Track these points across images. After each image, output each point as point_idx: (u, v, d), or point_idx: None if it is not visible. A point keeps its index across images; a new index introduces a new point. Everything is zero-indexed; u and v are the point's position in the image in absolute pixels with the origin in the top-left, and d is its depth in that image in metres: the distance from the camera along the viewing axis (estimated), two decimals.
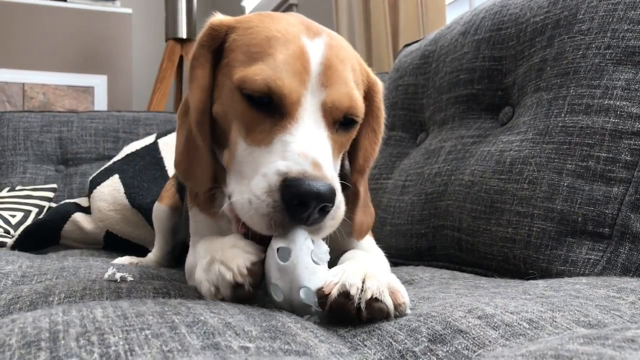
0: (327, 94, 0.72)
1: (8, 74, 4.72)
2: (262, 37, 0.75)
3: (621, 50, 1.04)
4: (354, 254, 0.82)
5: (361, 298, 0.61)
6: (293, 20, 0.78)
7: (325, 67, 0.73)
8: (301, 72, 0.71)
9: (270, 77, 0.71)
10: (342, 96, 0.72)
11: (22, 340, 0.46)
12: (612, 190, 0.98)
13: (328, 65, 0.73)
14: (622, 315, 0.62)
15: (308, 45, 0.73)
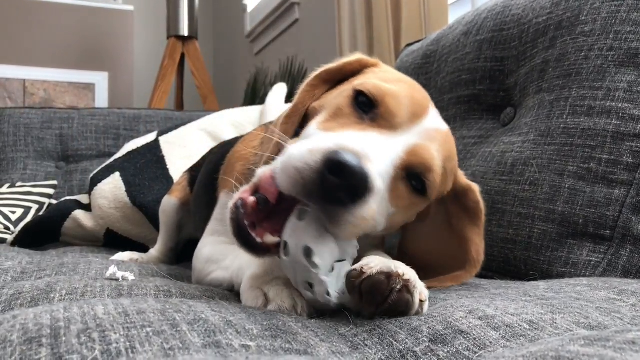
0: (423, 143, 0.74)
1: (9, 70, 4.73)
2: (396, 78, 0.83)
3: (624, 52, 1.04)
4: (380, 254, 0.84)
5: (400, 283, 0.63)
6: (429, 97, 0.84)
7: (434, 131, 0.76)
8: (416, 114, 0.76)
9: (392, 93, 0.75)
10: (432, 157, 0.74)
11: (23, 337, 0.46)
12: (613, 193, 0.98)
13: (437, 133, 0.77)
14: (623, 317, 0.62)
15: (431, 110, 0.79)
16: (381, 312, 0.64)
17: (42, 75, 4.82)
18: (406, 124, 0.74)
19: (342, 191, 0.62)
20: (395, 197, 0.74)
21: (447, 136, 0.80)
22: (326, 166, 0.62)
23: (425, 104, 0.78)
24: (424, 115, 0.76)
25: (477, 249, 0.86)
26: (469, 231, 0.87)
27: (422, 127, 0.75)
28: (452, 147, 0.81)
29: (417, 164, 0.73)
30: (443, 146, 0.77)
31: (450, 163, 0.80)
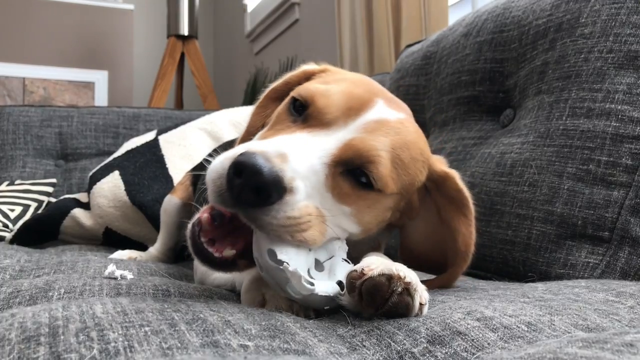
0: (360, 136, 0.72)
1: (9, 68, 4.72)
2: (342, 77, 0.81)
3: (623, 54, 1.04)
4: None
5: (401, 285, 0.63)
6: (378, 85, 0.83)
7: (378, 123, 0.74)
8: (352, 108, 0.74)
9: (321, 91, 0.75)
10: (370, 147, 0.71)
11: (21, 335, 0.46)
12: (612, 194, 0.98)
13: (381, 124, 0.74)
14: (621, 319, 0.62)
15: (378, 103, 0.76)
16: (381, 314, 0.64)
17: (42, 73, 4.81)
18: (341, 120, 0.72)
19: (250, 192, 0.63)
20: (342, 195, 0.72)
21: (400, 125, 0.76)
22: (232, 169, 0.63)
23: (366, 97, 0.75)
24: (365, 108, 0.74)
25: (465, 240, 0.83)
26: (455, 221, 0.84)
27: (362, 120, 0.73)
28: (409, 135, 0.77)
29: (353, 157, 0.71)
30: (392, 135, 0.74)
31: (408, 151, 0.76)
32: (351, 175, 0.72)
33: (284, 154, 0.65)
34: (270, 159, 0.63)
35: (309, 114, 0.74)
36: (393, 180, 0.74)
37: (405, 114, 0.81)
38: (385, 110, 0.76)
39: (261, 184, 0.62)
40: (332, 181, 0.71)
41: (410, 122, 0.80)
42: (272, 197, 0.63)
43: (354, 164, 0.71)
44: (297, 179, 0.65)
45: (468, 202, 0.84)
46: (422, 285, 0.67)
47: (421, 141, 0.80)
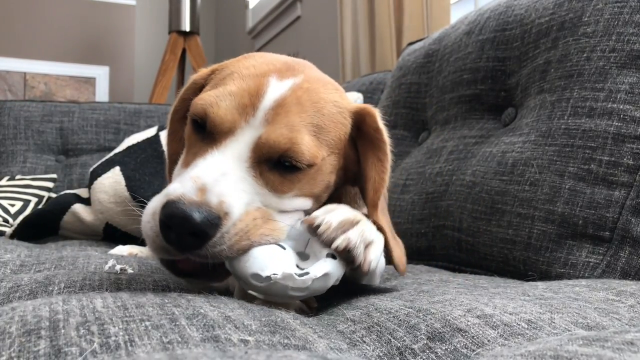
0: (264, 131, 0.71)
1: (10, 63, 4.72)
2: (229, 72, 0.78)
3: (626, 53, 1.04)
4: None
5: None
6: (270, 60, 0.79)
7: (277, 106, 0.72)
8: (246, 105, 0.72)
9: (210, 103, 0.72)
10: (279, 137, 0.70)
11: (22, 329, 0.46)
12: (613, 194, 0.98)
13: (281, 105, 0.72)
14: (621, 318, 0.62)
15: (270, 83, 0.74)
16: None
17: (43, 68, 4.82)
18: (242, 121, 0.71)
19: (188, 238, 0.64)
20: (278, 186, 0.72)
21: (300, 90, 0.74)
22: (162, 225, 0.65)
23: (256, 86, 0.73)
24: (259, 97, 0.72)
25: (375, 185, 0.80)
26: (369, 168, 0.81)
27: (261, 111, 0.71)
28: (313, 94, 0.75)
29: (269, 153, 0.70)
30: (295, 108, 0.73)
31: (320, 111, 0.75)
32: (278, 165, 0.72)
33: (202, 185, 0.66)
34: (192, 200, 0.64)
35: (208, 129, 0.73)
36: (318, 148, 0.73)
37: (302, 74, 0.77)
38: (279, 86, 0.74)
39: (193, 228, 0.63)
40: (263, 179, 0.71)
41: (310, 80, 0.77)
42: (210, 232, 0.64)
43: (274, 157, 0.71)
44: (226, 199, 0.66)
45: (385, 145, 0.81)
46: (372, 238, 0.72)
47: (331, 92, 0.78)
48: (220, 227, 0.65)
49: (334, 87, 0.81)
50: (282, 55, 0.84)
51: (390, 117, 1.68)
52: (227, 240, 0.66)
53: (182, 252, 0.66)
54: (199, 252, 0.65)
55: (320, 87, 0.77)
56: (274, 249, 0.69)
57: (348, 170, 0.83)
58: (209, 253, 0.65)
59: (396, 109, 1.67)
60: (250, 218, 0.68)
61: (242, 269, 0.67)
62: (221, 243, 0.65)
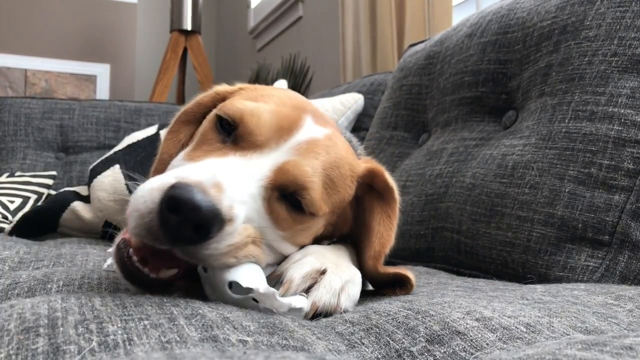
0: (293, 160, 0.69)
1: (11, 60, 4.72)
2: (266, 94, 0.77)
3: (627, 58, 1.04)
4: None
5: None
6: (301, 99, 0.79)
7: (310, 143, 0.71)
8: (284, 129, 0.71)
9: (250, 110, 0.71)
10: (303, 172, 0.69)
11: (20, 326, 0.46)
12: (613, 198, 0.98)
13: (314, 144, 0.72)
14: (620, 322, 0.62)
15: (307, 120, 0.74)
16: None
17: (44, 65, 4.82)
18: (272, 141, 0.70)
19: (188, 228, 0.58)
20: (279, 220, 0.70)
21: (329, 142, 0.74)
22: (165, 204, 0.57)
23: (295, 116, 0.73)
24: (295, 128, 0.72)
25: (383, 242, 0.79)
26: (375, 222, 0.80)
27: (294, 141, 0.70)
28: (338, 152, 0.75)
29: (288, 183, 0.68)
30: (322, 156, 0.72)
31: (338, 170, 0.74)
32: (286, 199, 0.70)
33: (219, 183, 0.61)
34: (206, 191, 0.59)
35: (239, 134, 0.70)
36: (324, 202, 0.72)
37: (332, 128, 0.78)
38: (314, 128, 0.74)
39: (201, 220, 0.58)
40: (269, 206, 0.69)
41: (337, 136, 0.77)
42: (212, 232, 0.60)
43: (289, 189, 0.69)
44: (235, 206, 0.62)
45: (395, 204, 0.81)
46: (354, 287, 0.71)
47: (349, 155, 0.78)
48: (222, 231, 0.61)
49: (351, 150, 0.80)
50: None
51: (391, 119, 1.68)
52: (221, 248, 0.62)
53: (173, 242, 0.59)
54: (189, 248, 0.60)
55: (342, 146, 0.77)
56: (258, 267, 0.67)
57: (337, 230, 0.83)
58: (198, 253, 0.61)
59: (397, 110, 1.67)
60: (246, 234, 0.65)
61: (221, 276, 0.64)
62: (215, 248, 0.61)
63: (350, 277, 0.73)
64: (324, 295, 0.67)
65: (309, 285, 0.69)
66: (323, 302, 0.67)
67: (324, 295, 0.67)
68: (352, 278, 0.73)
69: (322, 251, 0.75)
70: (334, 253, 0.77)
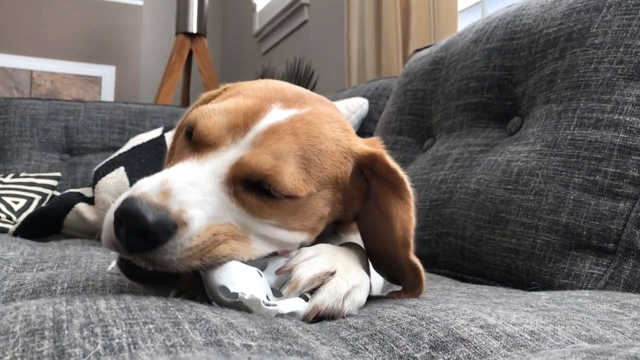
0: (248, 153, 0.69)
1: (16, 61, 4.74)
2: (236, 92, 0.78)
3: (633, 65, 1.03)
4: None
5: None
6: (281, 88, 0.78)
7: (269, 131, 0.71)
8: (238, 125, 0.71)
9: (202, 114, 0.72)
10: (261, 162, 0.68)
11: (26, 328, 0.46)
12: (618, 206, 0.98)
13: (274, 131, 0.71)
14: (624, 331, 0.62)
15: (271, 109, 0.73)
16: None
17: (50, 66, 4.83)
18: (227, 139, 0.70)
19: (137, 237, 0.62)
20: (255, 209, 0.70)
21: (299, 122, 0.73)
22: (116, 221, 0.62)
23: (255, 108, 0.72)
24: (254, 120, 0.71)
25: (404, 224, 0.77)
26: (391, 206, 0.78)
27: (251, 134, 0.70)
28: (314, 128, 0.74)
29: (247, 176, 0.69)
30: (288, 139, 0.71)
31: (316, 146, 0.73)
32: (258, 188, 0.70)
33: (167, 190, 0.64)
34: (150, 200, 0.62)
35: (195, 139, 0.72)
36: (305, 182, 0.71)
37: (309, 107, 0.76)
38: (279, 113, 0.73)
39: (143, 228, 0.61)
40: (238, 199, 0.69)
41: (315, 114, 0.76)
42: (160, 237, 0.62)
43: (253, 181, 0.69)
44: (189, 209, 0.64)
45: (403, 184, 0.79)
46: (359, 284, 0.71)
47: (335, 130, 0.76)
48: (174, 235, 0.63)
49: (341, 127, 0.78)
50: (304, 89, 0.83)
51: (395, 124, 1.68)
52: (179, 252, 0.63)
53: (130, 251, 0.63)
54: (147, 255, 0.63)
55: (324, 124, 0.75)
56: (252, 271, 0.67)
57: (349, 208, 0.81)
58: (157, 259, 0.63)
59: (401, 115, 1.67)
60: (210, 234, 0.66)
61: (213, 278, 0.65)
62: (172, 252, 0.63)
63: (359, 282, 0.72)
64: (328, 299, 0.67)
65: (316, 286, 0.69)
66: (326, 306, 0.67)
67: (327, 299, 0.67)
68: (360, 283, 0.72)
69: (334, 251, 0.74)
70: (346, 255, 0.76)
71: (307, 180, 0.72)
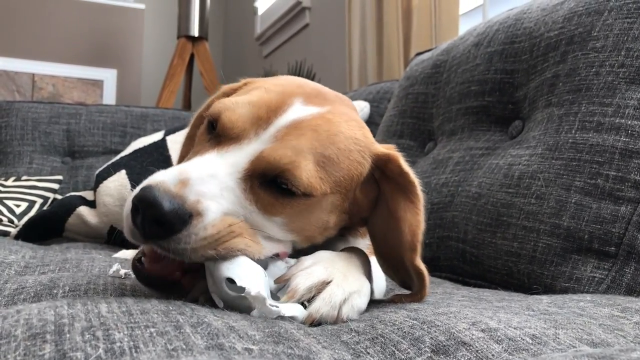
0: (269, 147, 0.70)
1: (18, 64, 4.75)
2: (258, 86, 0.78)
3: (635, 69, 1.03)
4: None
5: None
6: (302, 84, 0.79)
7: (292, 126, 0.71)
8: (261, 118, 0.71)
9: (226, 106, 0.73)
10: (281, 156, 0.69)
11: (27, 332, 0.46)
12: (619, 209, 0.98)
13: (296, 127, 0.71)
14: (626, 335, 0.62)
15: (293, 104, 0.73)
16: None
17: (51, 69, 4.84)
18: (250, 132, 0.71)
19: (153, 225, 0.63)
20: (268, 206, 0.70)
21: (320, 120, 0.73)
22: (133, 209, 0.64)
23: (277, 102, 0.73)
24: (277, 114, 0.71)
25: (412, 229, 0.76)
26: (401, 209, 0.78)
27: (273, 128, 0.70)
28: (333, 127, 0.74)
29: (265, 170, 0.69)
30: (309, 134, 0.71)
31: (335, 145, 0.72)
32: (273, 185, 0.70)
33: (185, 180, 0.65)
34: (167, 189, 0.63)
35: (218, 131, 0.72)
36: (321, 180, 0.71)
37: (330, 106, 0.76)
38: (301, 109, 0.73)
39: (159, 216, 0.62)
40: (253, 195, 0.69)
41: (335, 112, 0.76)
42: (176, 226, 0.63)
43: (270, 175, 0.69)
44: (204, 200, 0.65)
45: (414, 187, 0.79)
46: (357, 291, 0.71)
47: (353, 129, 0.76)
48: (189, 224, 0.64)
49: (359, 126, 0.79)
50: (322, 86, 0.83)
51: (397, 127, 1.68)
52: (194, 241, 0.64)
53: (146, 238, 0.65)
54: (162, 243, 0.64)
55: (343, 122, 0.75)
56: (259, 270, 0.68)
57: (354, 215, 0.81)
58: (172, 247, 0.64)
59: (403, 119, 1.67)
60: (225, 224, 0.66)
61: (221, 269, 0.65)
62: (187, 242, 0.64)
63: (357, 288, 0.72)
64: (322, 308, 0.67)
65: (314, 295, 0.69)
66: (320, 314, 0.67)
67: (322, 308, 0.67)
68: (359, 289, 0.72)
69: (333, 259, 0.74)
70: (345, 261, 0.76)
71: (324, 179, 0.72)
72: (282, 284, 0.70)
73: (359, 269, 0.77)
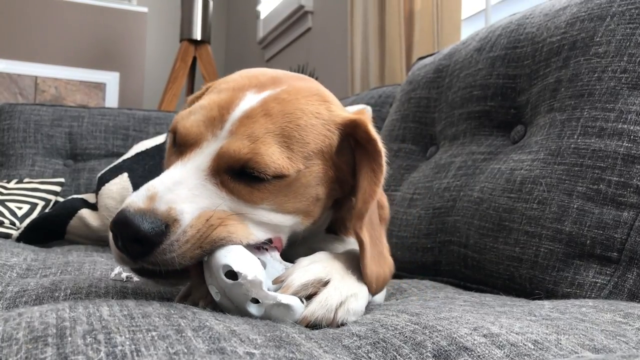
0: (225, 142, 0.71)
1: (21, 66, 4.75)
2: (213, 89, 0.80)
3: (637, 74, 1.03)
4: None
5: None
6: (255, 74, 0.80)
7: (244, 117, 0.72)
8: (215, 118, 0.73)
9: (181, 117, 0.75)
10: (238, 147, 0.70)
11: (29, 335, 0.46)
12: (622, 215, 0.98)
13: (248, 116, 0.72)
14: (628, 341, 0.62)
15: (245, 96, 0.74)
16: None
17: (54, 72, 4.84)
18: (208, 134, 0.72)
19: (134, 245, 0.65)
20: (247, 195, 0.71)
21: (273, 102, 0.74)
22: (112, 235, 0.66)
23: (228, 100, 0.74)
24: (229, 111, 0.72)
25: (365, 197, 0.76)
26: (362, 177, 0.78)
27: (229, 123, 0.72)
28: (289, 105, 0.74)
29: (229, 165, 0.70)
30: (264, 118, 0.72)
31: (294, 122, 0.73)
32: (244, 175, 0.71)
33: (152, 195, 0.66)
34: (137, 207, 0.65)
35: (178, 142, 0.74)
36: (290, 159, 0.72)
37: (285, 86, 0.77)
38: (253, 98, 0.74)
39: (135, 234, 0.64)
40: (227, 188, 0.71)
41: (290, 91, 0.76)
42: (154, 239, 0.65)
43: (236, 168, 0.71)
44: (176, 206, 0.66)
45: (379, 157, 0.78)
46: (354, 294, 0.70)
47: (313, 104, 0.77)
48: (167, 234, 0.65)
49: (320, 99, 0.79)
50: (281, 71, 0.83)
51: (399, 131, 1.69)
52: (177, 248, 0.66)
53: (133, 259, 0.66)
54: (148, 259, 0.65)
55: (300, 98, 0.76)
56: (255, 259, 0.68)
57: (344, 183, 0.81)
58: (159, 260, 0.65)
59: (405, 123, 1.67)
60: (203, 221, 0.67)
61: (217, 258, 0.66)
62: (171, 250, 0.65)
63: (355, 291, 0.72)
64: (318, 311, 0.67)
65: (311, 293, 0.69)
66: (315, 317, 0.67)
67: (317, 311, 0.67)
68: (357, 292, 0.72)
69: (331, 260, 0.74)
70: (344, 263, 0.76)
71: (292, 158, 0.72)
72: (280, 285, 0.70)
73: (357, 271, 0.77)
